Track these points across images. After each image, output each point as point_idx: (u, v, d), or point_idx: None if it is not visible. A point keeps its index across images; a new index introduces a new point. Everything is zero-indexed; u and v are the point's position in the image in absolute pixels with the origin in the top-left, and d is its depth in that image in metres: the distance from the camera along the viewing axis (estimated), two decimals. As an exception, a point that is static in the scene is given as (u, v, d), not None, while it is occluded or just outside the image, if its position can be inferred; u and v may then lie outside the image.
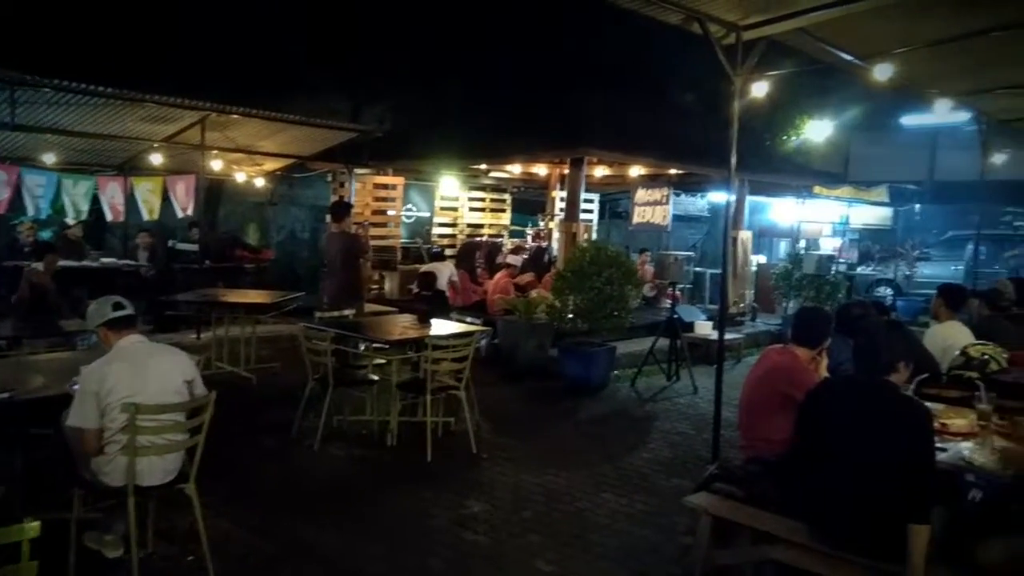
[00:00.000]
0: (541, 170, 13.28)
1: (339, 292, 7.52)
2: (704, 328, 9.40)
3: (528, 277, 10.38)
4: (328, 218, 8.16)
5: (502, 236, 14.48)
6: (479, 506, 4.67)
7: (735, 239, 11.65)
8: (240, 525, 4.24)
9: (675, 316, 8.52)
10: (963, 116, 10.10)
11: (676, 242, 15.54)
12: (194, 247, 11.28)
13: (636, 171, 12.40)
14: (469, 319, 6.99)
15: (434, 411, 5.72)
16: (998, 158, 10.27)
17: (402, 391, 5.81)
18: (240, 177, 12.59)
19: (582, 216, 10.87)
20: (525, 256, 11.83)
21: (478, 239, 13.83)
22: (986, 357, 4.90)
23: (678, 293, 10.53)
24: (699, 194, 15.70)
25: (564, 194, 11.08)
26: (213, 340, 8.05)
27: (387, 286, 11.94)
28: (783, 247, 15.79)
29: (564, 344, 8.07)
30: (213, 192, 13.20)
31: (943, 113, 8.01)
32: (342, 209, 7.94)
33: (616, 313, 8.08)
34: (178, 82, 9.75)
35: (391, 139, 12.65)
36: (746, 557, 3.48)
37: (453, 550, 4.08)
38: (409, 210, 14.04)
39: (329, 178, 12.83)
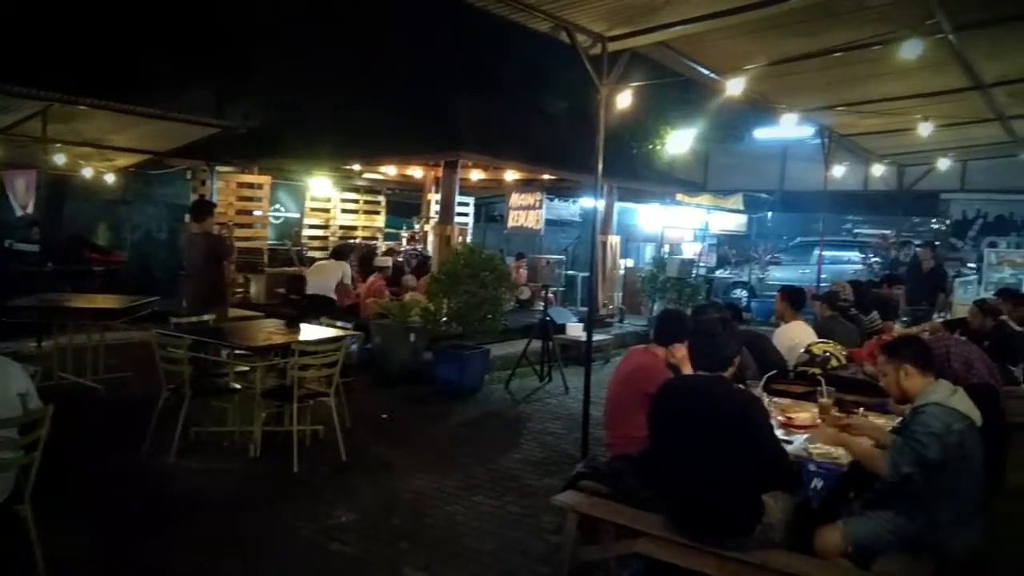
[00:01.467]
0: (417, 172, 13.18)
1: (200, 296, 7.12)
2: (575, 330, 9.63)
3: (413, 282, 10.25)
4: (188, 218, 7.71)
5: (376, 239, 14.26)
6: (347, 515, 4.54)
7: (604, 243, 12.05)
8: (83, 550, 3.90)
9: (547, 318, 8.68)
10: (809, 131, 10.95)
11: (550, 246, 15.85)
12: (35, 247, 10.35)
13: (511, 176, 12.56)
14: (340, 323, 6.81)
15: (302, 419, 5.52)
16: (838, 170, 11.19)
17: (267, 399, 5.57)
18: (88, 173, 11.68)
19: (457, 219, 10.89)
20: (399, 259, 11.71)
21: (351, 241, 13.52)
22: (827, 354, 5.31)
23: (551, 296, 10.77)
24: (571, 199, 16.10)
25: (439, 197, 11.05)
26: (56, 349, 7.41)
27: (252, 290, 11.44)
28: (649, 251, 16.48)
29: (438, 348, 8.03)
30: (57, 188, 12.14)
31: (790, 127, 8.62)
32: (204, 208, 7.53)
33: (490, 316, 8.13)
34: (17, 70, 8.92)
35: (257, 136, 12.15)
36: (611, 552, 3.57)
37: (318, 563, 3.95)
38: (277, 211, 13.53)
39: (189, 176, 12.16)
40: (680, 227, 16.30)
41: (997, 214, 15.18)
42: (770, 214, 20.19)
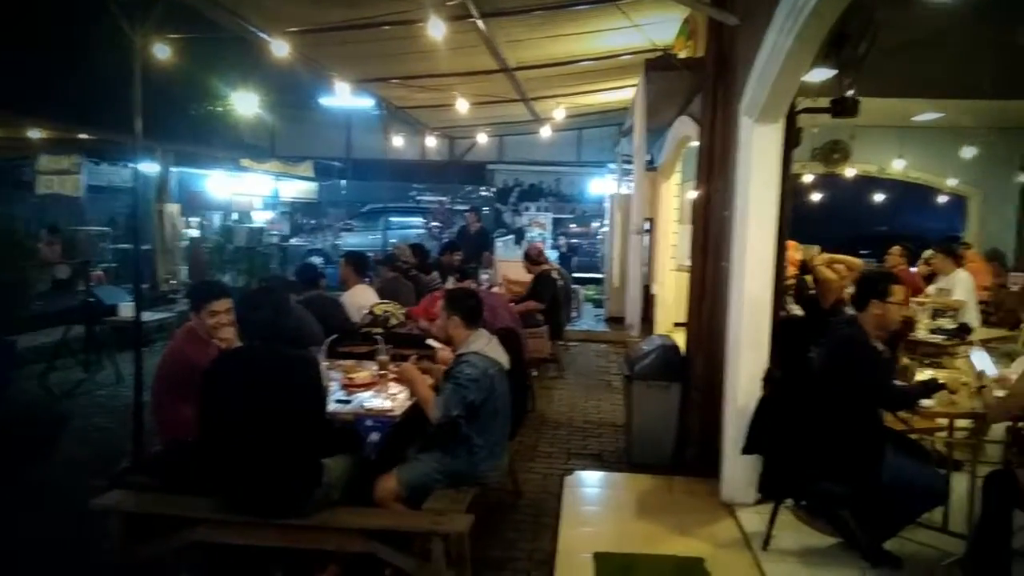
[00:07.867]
0: None
1: None
2: (130, 310, 8.59)
3: None
4: None
5: None
6: None
7: (160, 212, 10.99)
8: None
9: (92, 299, 7.61)
10: (370, 101, 11.35)
11: (98, 216, 13.90)
12: None
13: (37, 134, 10.60)
14: None
15: None
16: (397, 140, 11.88)
17: None
18: None
19: (-41, 185, 8.86)
20: None
21: None
22: (387, 314, 5.63)
23: (99, 273, 9.50)
24: (123, 163, 14.31)
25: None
26: None
27: None
28: (218, 220, 15.56)
29: (-63, 345, 6.47)
30: None
31: (347, 96, 8.80)
32: None
33: (13, 300, 6.81)
34: None
35: None
36: (166, 546, 3.28)
37: None
38: None
39: None
40: (249, 194, 15.70)
41: (531, 183, 17.82)
42: (344, 182, 20.67)
